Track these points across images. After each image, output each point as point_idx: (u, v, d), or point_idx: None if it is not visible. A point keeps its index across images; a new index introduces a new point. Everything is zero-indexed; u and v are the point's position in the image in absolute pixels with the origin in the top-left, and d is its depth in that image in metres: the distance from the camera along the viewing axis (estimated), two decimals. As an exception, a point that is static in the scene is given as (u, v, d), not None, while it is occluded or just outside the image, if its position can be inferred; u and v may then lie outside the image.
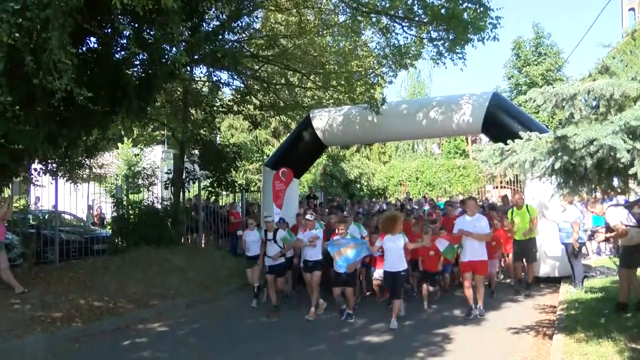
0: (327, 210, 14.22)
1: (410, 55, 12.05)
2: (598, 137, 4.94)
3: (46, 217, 13.79)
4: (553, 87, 5.77)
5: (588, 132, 5.03)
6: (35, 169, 12.41)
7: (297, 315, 10.01)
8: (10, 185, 11.30)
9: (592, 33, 67.71)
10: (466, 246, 9.43)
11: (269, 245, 10.48)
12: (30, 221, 13.61)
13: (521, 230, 11.12)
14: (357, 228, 11.15)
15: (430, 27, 11.71)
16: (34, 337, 8.09)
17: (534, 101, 5.83)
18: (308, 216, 10.42)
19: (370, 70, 14.60)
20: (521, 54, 34.45)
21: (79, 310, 9.38)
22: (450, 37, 11.36)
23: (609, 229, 8.20)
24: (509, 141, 5.97)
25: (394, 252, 8.97)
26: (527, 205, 11.40)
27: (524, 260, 11.27)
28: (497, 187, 28.28)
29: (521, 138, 5.93)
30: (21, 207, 13.93)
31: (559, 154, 5.33)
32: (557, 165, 5.39)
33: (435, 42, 11.84)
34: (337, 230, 9.83)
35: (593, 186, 5.79)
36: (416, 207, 17.61)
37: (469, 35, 11.04)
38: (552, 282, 11.70)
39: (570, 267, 10.74)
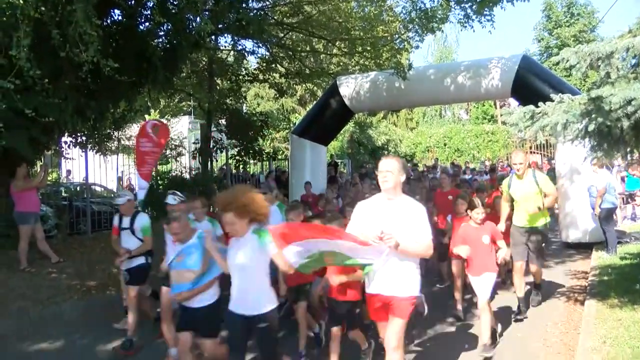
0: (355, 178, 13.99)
1: (436, 19, 11.77)
2: (637, 96, 4.77)
3: (77, 189, 14.01)
4: (587, 46, 5.57)
5: (626, 91, 4.86)
6: (66, 142, 12.59)
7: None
8: (42, 159, 11.48)
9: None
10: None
11: (123, 235, 6.88)
12: (63, 193, 13.84)
13: (524, 211, 7.17)
14: (280, 214, 7.42)
15: (458, -11, 11.44)
16: (71, 305, 8.29)
17: (567, 61, 5.64)
18: (169, 199, 6.61)
19: (397, 36, 14.33)
20: (552, 15, 33.56)
21: (112, 278, 9.56)
22: (478, -2, 11.10)
23: None
24: (540, 103, 5.81)
25: (243, 273, 4.41)
26: (533, 171, 7.27)
27: (529, 259, 7.47)
28: (526, 153, 27.85)
29: (552, 101, 5.77)
30: (53, 180, 14.17)
31: (593, 115, 5.17)
32: (591, 127, 5.24)
33: (462, 5, 11.55)
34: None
35: (629, 149, 5.63)
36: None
37: (497, -5, 10.77)
38: (584, 248, 11.53)
39: (602, 232, 10.58)
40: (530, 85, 12.17)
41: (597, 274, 8.69)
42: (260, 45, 15.58)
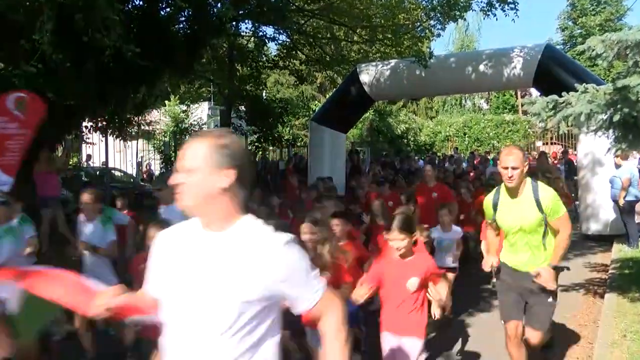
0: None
1: (459, 6, 11.63)
2: (665, 87, 4.68)
3: (97, 173, 14.15)
4: (615, 34, 5.45)
5: (653, 82, 4.77)
6: (86, 127, 12.71)
7: None
8: (63, 143, 11.60)
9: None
10: None
11: None
12: (83, 178, 13.99)
13: (516, 249, 4.24)
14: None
15: (481, -24, 11.30)
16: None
17: (593, 50, 5.52)
18: None
19: (418, 24, 14.22)
20: (577, 3, 32.91)
21: (131, 263, 9.65)
22: (502, -15, 10.96)
23: None
24: (563, 93, 5.72)
25: None
26: (534, 182, 4.16)
27: (525, 318, 4.28)
28: (547, 143, 27.53)
29: (575, 91, 5.67)
30: (74, 164, 14.33)
31: (619, 105, 5.09)
32: (616, 118, 5.16)
33: (485, -8, 11.43)
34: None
35: (655, 141, 5.52)
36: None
37: (521, -18, 10.62)
38: (604, 241, 11.38)
39: (623, 225, 10.44)
40: (553, 74, 12.00)
41: (617, 267, 8.61)
42: (281, 31, 15.55)
